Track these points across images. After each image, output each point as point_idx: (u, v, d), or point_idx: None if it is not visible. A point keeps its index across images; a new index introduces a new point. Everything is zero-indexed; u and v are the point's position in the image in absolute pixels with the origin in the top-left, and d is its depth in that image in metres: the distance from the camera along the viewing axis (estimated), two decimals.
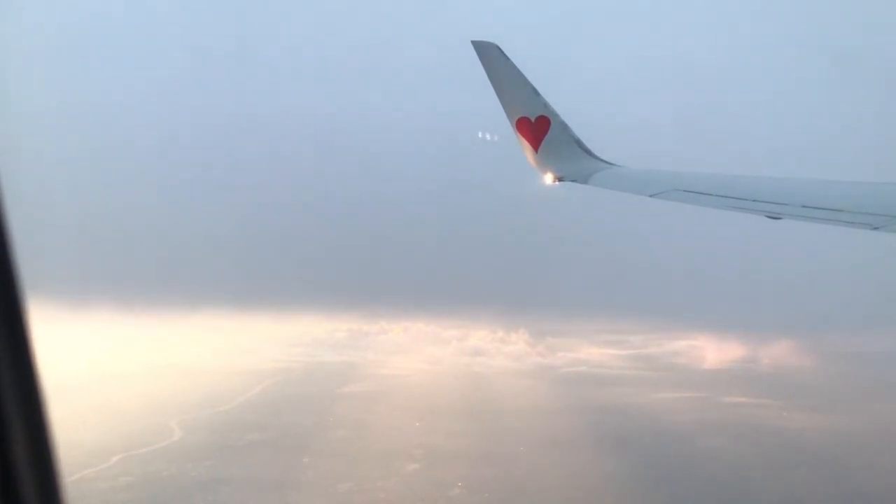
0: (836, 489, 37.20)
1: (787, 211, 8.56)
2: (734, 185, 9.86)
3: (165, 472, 40.70)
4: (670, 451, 43.66)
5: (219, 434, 47.29)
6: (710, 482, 38.75)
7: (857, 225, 7.69)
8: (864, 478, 38.05)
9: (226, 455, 43.51)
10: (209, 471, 40.87)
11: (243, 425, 49.36)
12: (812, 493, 37.12)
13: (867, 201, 7.89)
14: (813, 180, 9.36)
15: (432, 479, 39.95)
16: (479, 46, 12.29)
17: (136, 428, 47.29)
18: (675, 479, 39.21)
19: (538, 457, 43.13)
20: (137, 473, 39.95)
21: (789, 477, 39.25)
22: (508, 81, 12.04)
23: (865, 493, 36.74)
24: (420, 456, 43.28)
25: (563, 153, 11.87)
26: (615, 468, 40.83)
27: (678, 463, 41.72)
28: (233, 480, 39.97)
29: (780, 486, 38.15)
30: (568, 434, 47.19)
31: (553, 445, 44.88)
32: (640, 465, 41.58)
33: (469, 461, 42.19)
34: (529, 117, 12.05)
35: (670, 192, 9.96)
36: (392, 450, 44.31)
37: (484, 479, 39.50)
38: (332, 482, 39.52)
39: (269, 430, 48.14)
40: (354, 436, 47.39)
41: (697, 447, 44.20)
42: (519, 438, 46.31)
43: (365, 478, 39.86)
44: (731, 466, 40.87)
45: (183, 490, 38.46)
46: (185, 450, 44.64)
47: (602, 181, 11.14)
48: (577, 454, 43.29)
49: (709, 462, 41.68)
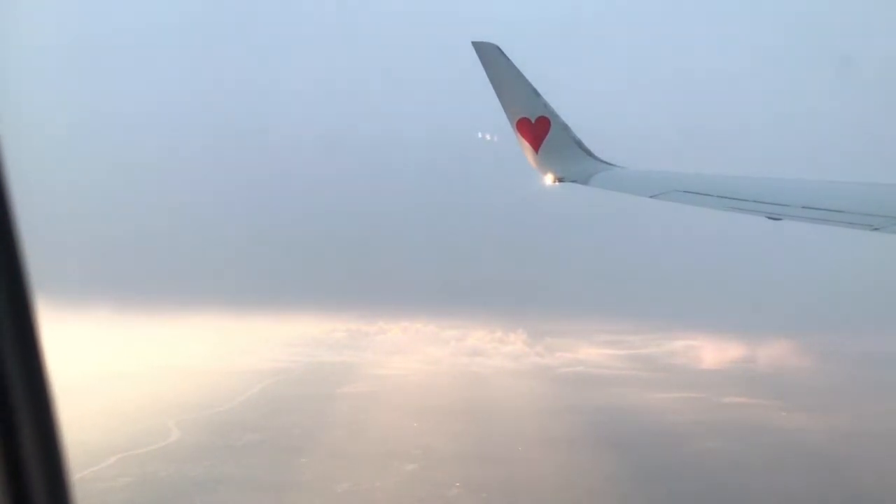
0: (835, 489, 37.28)
1: (788, 212, 8.59)
2: (735, 186, 9.89)
3: (163, 472, 40.65)
4: (669, 452, 43.72)
5: (217, 434, 47.25)
6: (709, 482, 38.80)
7: (857, 226, 7.73)
8: (862, 478, 38.11)
9: (224, 455, 43.47)
10: (207, 471, 40.84)
11: (242, 425, 49.33)
12: (810, 494, 37.19)
13: (867, 202, 7.92)
14: (813, 181, 9.39)
15: (430, 479, 39.97)
16: (480, 47, 12.33)
17: (135, 428, 47.22)
18: (674, 480, 39.25)
19: (536, 457, 43.17)
20: (136, 474, 39.88)
21: (787, 477, 39.31)
22: (509, 82, 12.06)
23: (864, 493, 36.82)
24: (418, 456, 43.28)
25: (564, 154, 11.89)
26: (613, 468, 40.87)
27: (676, 463, 41.78)
28: (231, 481, 39.93)
29: (778, 487, 38.21)
30: (566, 434, 47.22)
31: (551, 445, 44.91)
32: (638, 465, 41.61)
33: (467, 461, 42.21)
34: (530, 118, 12.08)
35: (671, 193, 9.99)
36: (390, 450, 44.30)
37: (482, 480, 39.51)
38: (329, 483, 39.51)
39: (267, 431, 48.11)
40: (353, 436, 47.38)
41: (696, 447, 44.26)
42: (517, 438, 46.34)
43: (363, 478, 39.85)
44: (730, 467, 40.92)
45: (181, 490, 38.41)
46: (183, 450, 44.58)
47: (602, 182, 11.17)
48: (575, 454, 43.32)
49: (707, 462, 41.73)
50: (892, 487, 37.26)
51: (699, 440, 45.61)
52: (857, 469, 39.84)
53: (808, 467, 40.79)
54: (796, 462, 41.69)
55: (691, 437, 46.26)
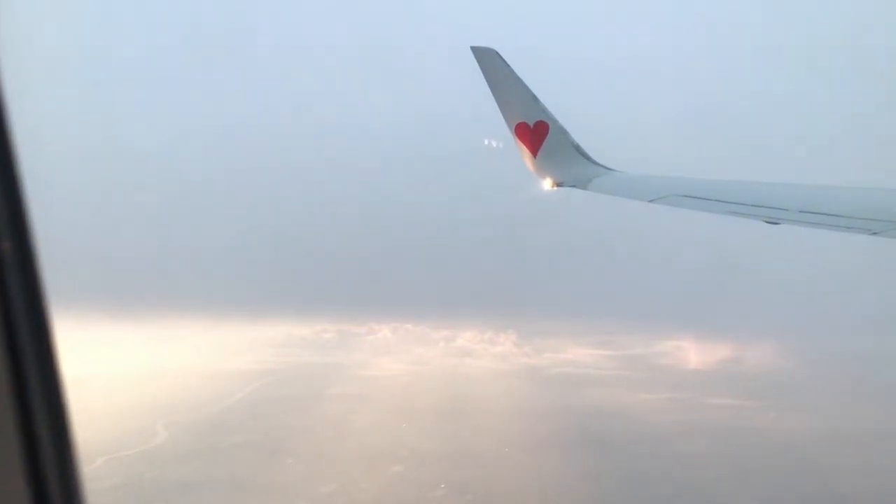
0: (823, 491, 37.66)
1: (786, 216, 8.76)
2: (733, 190, 10.04)
3: (150, 474, 40.43)
4: (656, 452, 43.98)
5: (204, 436, 47.03)
6: (696, 483, 39.10)
7: (855, 230, 7.89)
8: (850, 481, 38.53)
9: (210, 457, 43.30)
10: (193, 473, 40.68)
11: (229, 427, 49.12)
12: (798, 496, 37.56)
13: (866, 206, 8.08)
14: (812, 185, 9.56)
15: (417, 480, 39.99)
16: (479, 52, 12.45)
17: (122, 430, 46.90)
18: (661, 480, 39.52)
19: (523, 458, 43.31)
20: (122, 475, 39.62)
21: (776, 479, 39.67)
22: (507, 87, 12.18)
23: (851, 495, 37.23)
24: (405, 457, 43.29)
25: (562, 158, 12.02)
26: (601, 469, 41.08)
27: (664, 464, 42.04)
28: (217, 483, 39.80)
29: (765, 488, 38.56)
30: (553, 435, 47.41)
31: (538, 446, 45.07)
32: (625, 466, 41.85)
33: (454, 462, 42.26)
34: (528, 123, 12.21)
35: (669, 198, 10.15)
36: (378, 451, 44.28)
37: (468, 481, 39.59)
38: (315, 484, 39.44)
39: (254, 433, 47.94)
40: (340, 437, 47.31)
41: (683, 448, 44.58)
42: (504, 439, 46.45)
43: (349, 480, 39.82)
44: (718, 468, 41.25)
45: (167, 492, 38.26)
46: (170, 452, 44.34)
47: (601, 186, 11.31)
48: (562, 455, 43.49)
49: (694, 463, 42.04)
50: (878, 490, 37.70)
51: (687, 441, 45.93)
52: (844, 471, 40.27)
53: (796, 469, 41.18)
54: (784, 463, 42.07)
55: (679, 437, 46.58)
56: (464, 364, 65.92)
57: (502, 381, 60.52)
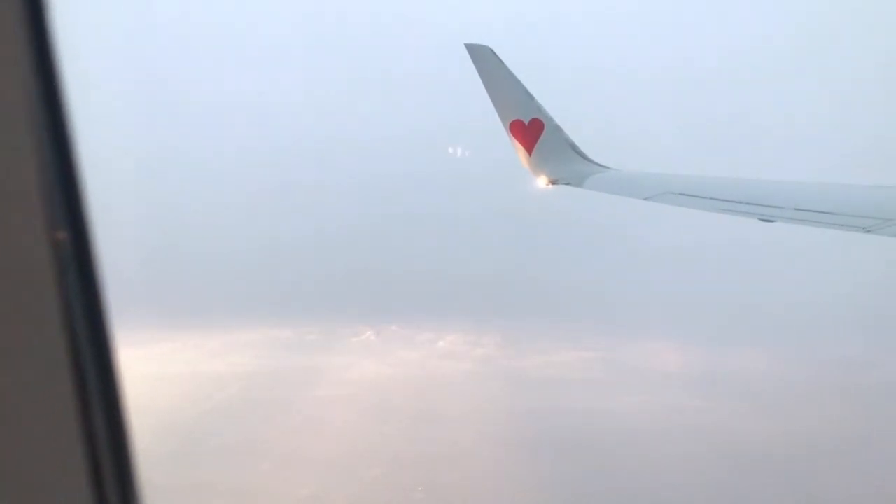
0: (804, 496, 38.09)
1: (780, 214, 8.90)
2: (727, 187, 10.20)
3: None
4: (638, 455, 44.22)
5: (180, 439, 46.42)
6: (678, 487, 39.36)
7: (849, 227, 8.05)
8: (835, 484, 39.01)
9: (187, 461, 42.77)
10: (169, 478, 40.15)
11: (206, 430, 48.56)
12: (780, 501, 37.95)
13: (860, 204, 8.25)
14: (806, 183, 9.74)
15: (395, 483, 39.85)
16: (473, 49, 12.51)
17: None
18: (642, 483, 39.75)
19: (502, 460, 43.33)
20: None
21: (757, 483, 40.04)
22: (502, 84, 12.27)
23: (832, 500, 37.68)
24: (385, 460, 43.13)
25: (557, 156, 12.12)
26: (581, 472, 41.21)
27: (645, 467, 42.27)
28: (193, 487, 39.30)
29: (747, 493, 38.92)
30: (533, 438, 47.47)
31: (518, 449, 45.11)
32: (607, 468, 42.02)
33: (434, 465, 42.20)
34: (523, 120, 12.30)
35: (664, 195, 10.27)
36: (357, 454, 44.01)
37: (446, 483, 39.55)
38: (292, 488, 39.13)
39: (231, 436, 47.46)
40: (319, 440, 46.95)
41: (666, 452, 44.85)
42: (484, 442, 46.45)
43: (326, 484, 39.57)
44: (702, 470, 41.55)
45: (144, 497, 37.76)
46: (146, 456, 43.58)
47: (596, 184, 11.42)
48: (543, 458, 43.54)
49: (677, 467, 42.32)
50: (863, 495, 38.22)
51: (670, 444, 46.22)
52: (830, 475, 40.72)
53: (780, 473, 41.60)
54: (770, 467, 42.49)
55: (661, 440, 46.84)
56: (447, 367, 65.87)
57: (485, 383, 60.51)
